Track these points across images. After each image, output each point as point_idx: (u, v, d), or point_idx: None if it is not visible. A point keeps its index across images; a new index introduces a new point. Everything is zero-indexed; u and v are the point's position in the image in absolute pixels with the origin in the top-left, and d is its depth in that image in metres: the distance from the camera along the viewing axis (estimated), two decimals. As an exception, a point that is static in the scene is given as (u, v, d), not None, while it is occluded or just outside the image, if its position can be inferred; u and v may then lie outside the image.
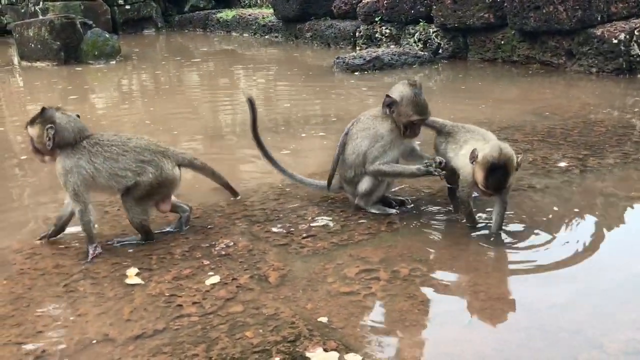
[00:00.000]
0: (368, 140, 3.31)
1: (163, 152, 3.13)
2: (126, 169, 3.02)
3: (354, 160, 3.34)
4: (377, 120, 3.34)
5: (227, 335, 2.31)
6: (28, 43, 10.34)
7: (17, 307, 2.60)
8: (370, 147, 3.29)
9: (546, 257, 2.86)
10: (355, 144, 3.34)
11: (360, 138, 3.33)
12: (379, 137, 3.29)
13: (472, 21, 8.11)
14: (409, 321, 2.38)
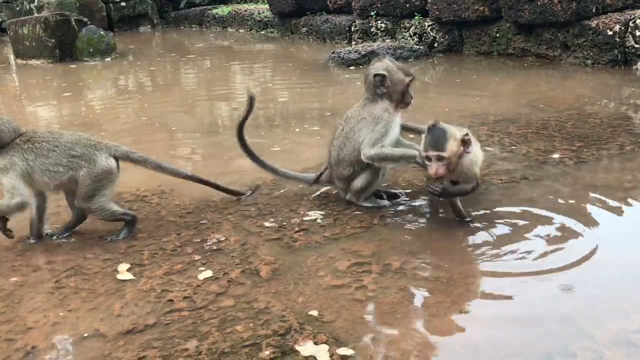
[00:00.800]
0: (366, 127, 3.25)
1: (95, 146, 3.15)
2: (57, 164, 3.06)
3: (355, 157, 3.28)
4: (367, 106, 3.31)
5: (218, 330, 2.31)
6: (23, 41, 10.31)
7: (7, 304, 2.59)
8: (370, 132, 3.23)
9: (538, 248, 2.85)
10: (354, 139, 3.28)
11: (357, 130, 3.28)
12: (377, 119, 3.24)
13: (467, 14, 8.09)
14: (400, 313, 2.38)
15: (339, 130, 3.39)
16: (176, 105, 6.69)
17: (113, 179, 3.16)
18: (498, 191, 3.53)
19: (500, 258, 2.80)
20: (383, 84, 3.25)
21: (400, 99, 3.29)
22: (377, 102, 3.29)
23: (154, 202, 3.61)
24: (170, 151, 4.90)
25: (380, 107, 3.27)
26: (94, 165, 3.08)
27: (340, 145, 3.35)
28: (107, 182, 3.12)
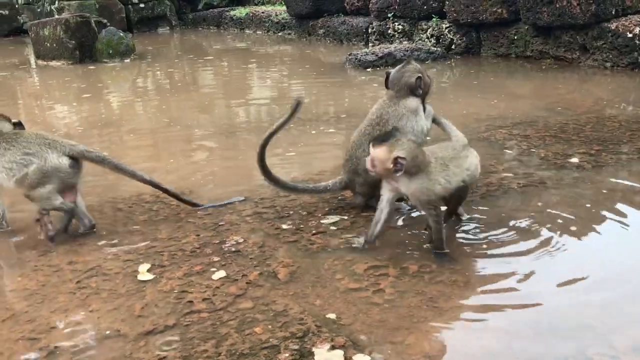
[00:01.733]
0: (409, 122, 3.37)
1: (49, 144, 3.22)
2: (12, 161, 3.19)
3: None
4: (401, 103, 3.40)
5: (237, 331, 2.33)
6: (44, 42, 10.45)
7: (30, 303, 2.64)
8: (416, 123, 3.39)
9: (557, 252, 2.85)
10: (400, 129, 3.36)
11: (403, 122, 3.36)
12: (416, 111, 3.41)
13: (485, 16, 8.07)
14: (418, 317, 2.39)
15: (370, 135, 3.32)
16: (194, 106, 6.74)
17: (62, 177, 3.22)
18: (516, 195, 3.52)
19: (518, 263, 2.79)
20: (420, 86, 3.42)
21: (424, 98, 3.48)
22: (408, 98, 3.42)
23: (173, 204, 3.65)
24: (187, 151, 4.95)
25: (414, 101, 3.42)
26: (45, 163, 3.18)
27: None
28: (55, 178, 3.20)
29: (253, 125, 5.78)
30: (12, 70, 10.19)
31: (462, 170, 2.93)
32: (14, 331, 2.43)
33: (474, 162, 3.02)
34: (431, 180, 2.81)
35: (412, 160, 2.76)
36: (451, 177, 2.88)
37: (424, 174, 2.80)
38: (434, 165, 2.84)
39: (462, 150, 3.00)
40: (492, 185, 3.67)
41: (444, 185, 2.85)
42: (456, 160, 2.93)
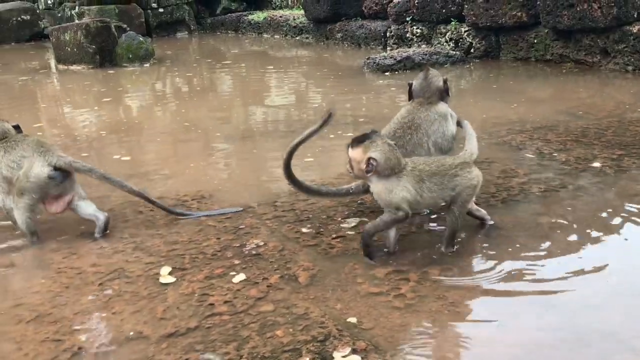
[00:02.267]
0: (441, 127, 3.40)
1: (41, 152, 3.29)
2: (13, 161, 3.31)
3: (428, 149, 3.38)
4: (432, 109, 3.44)
5: (258, 334, 2.34)
6: (64, 47, 10.57)
7: (54, 305, 2.67)
8: (447, 129, 3.42)
9: (579, 257, 2.83)
10: (426, 143, 3.36)
11: (432, 133, 3.38)
12: (446, 116, 3.44)
13: (505, 20, 8.03)
14: (439, 322, 2.38)
15: (401, 139, 3.32)
16: (212, 111, 6.77)
17: (43, 186, 3.27)
18: (537, 200, 3.50)
19: (540, 268, 2.77)
20: (448, 87, 3.55)
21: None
22: (438, 104, 3.46)
23: (194, 207, 3.67)
24: (205, 155, 4.98)
25: (444, 106, 3.48)
26: (30, 169, 3.25)
27: (406, 153, 3.21)
28: (36, 186, 3.26)
29: (271, 130, 5.79)
30: (33, 75, 10.32)
31: (444, 189, 2.84)
32: (39, 332, 2.47)
33: (464, 184, 2.85)
34: (399, 186, 2.79)
35: (385, 162, 2.77)
36: (424, 191, 2.82)
37: (395, 178, 2.80)
38: (408, 174, 2.81)
39: (452, 168, 2.86)
40: (512, 189, 3.65)
41: (412, 197, 2.80)
42: (438, 178, 2.84)
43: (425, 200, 2.85)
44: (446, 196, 2.87)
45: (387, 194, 2.81)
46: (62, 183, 3.31)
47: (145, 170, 4.55)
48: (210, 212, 3.56)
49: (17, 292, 2.85)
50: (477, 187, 2.94)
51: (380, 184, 2.83)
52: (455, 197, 2.87)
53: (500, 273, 2.74)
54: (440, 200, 2.89)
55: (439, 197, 2.87)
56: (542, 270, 2.76)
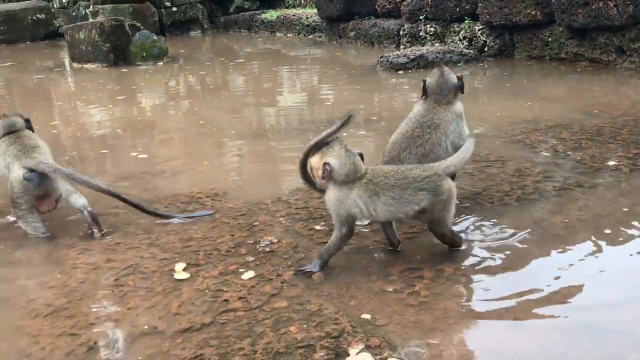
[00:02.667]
0: (457, 126, 3.40)
1: (18, 156, 3.40)
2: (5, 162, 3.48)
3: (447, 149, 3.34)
4: (450, 108, 3.42)
5: (272, 330, 2.35)
6: (79, 45, 10.63)
7: (70, 300, 2.70)
8: (463, 128, 3.43)
9: (594, 256, 2.81)
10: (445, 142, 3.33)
11: (450, 133, 3.36)
12: (460, 115, 3.44)
13: (519, 18, 7.99)
14: (453, 319, 2.38)
15: (420, 138, 3.32)
16: (225, 109, 6.79)
17: (24, 190, 3.35)
18: (552, 199, 3.48)
19: (555, 267, 2.76)
20: (463, 84, 3.52)
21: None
22: (455, 102, 3.46)
23: (207, 204, 3.69)
24: (218, 153, 5.00)
25: (460, 105, 3.48)
26: (11, 175, 3.39)
27: (424, 152, 3.28)
28: (19, 191, 3.35)
29: (283, 128, 5.80)
30: (48, 73, 10.40)
31: (404, 203, 2.72)
32: (55, 327, 2.49)
33: (431, 200, 2.72)
34: (349, 199, 2.71)
35: (340, 167, 2.70)
36: (377, 205, 2.72)
37: (347, 189, 2.72)
38: (361, 186, 2.72)
39: (417, 181, 2.73)
40: (527, 188, 3.63)
41: (360, 212, 2.72)
42: (397, 191, 2.72)
43: (381, 214, 2.74)
44: (409, 210, 2.74)
45: (336, 204, 2.73)
46: (42, 184, 3.37)
47: (160, 167, 4.57)
48: (187, 215, 3.51)
49: (34, 287, 2.87)
50: (448, 203, 2.76)
51: (333, 193, 2.75)
52: (425, 212, 2.75)
53: (514, 271, 2.73)
54: (402, 215, 2.75)
55: (398, 211, 2.73)
56: (557, 269, 2.74)
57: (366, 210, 2.73)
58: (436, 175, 2.76)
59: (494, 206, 3.40)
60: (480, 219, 3.27)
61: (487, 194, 3.56)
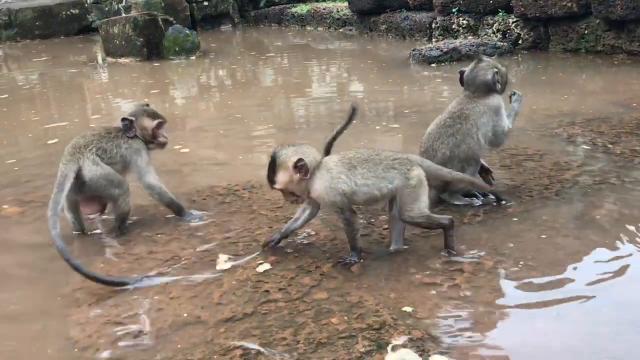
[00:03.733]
0: (490, 119, 3.37)
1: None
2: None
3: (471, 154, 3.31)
4: (481, 101, 3.39)
5: (313, 321, 2.37)
6: (113, 40, 10.77)
7: (114, 289, 2.75)
8: (498, 122, 3.39)
9: (637, 250, 2.77)
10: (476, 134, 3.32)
11: (481, 125, 3.35)
12: (498, 108, 3.41)
13: (554, 10, 7.87)
14: (495, 313, 2.37)
15: (451, 128, 3.35)
16: (256, 102, 6.82)
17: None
18: (592, 192, 3.43)
19: (596, 261, 2.73)
20: (498, 81, 3.42)
21: (503, 89, 3.50)
22: (489, 96, 3.40)
23: (245, 197, 3.72)
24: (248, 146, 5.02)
25: (496, 99, 3.41)
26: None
27: (456, 142, 3.31)
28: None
29: (315, 121, 5.81)
30: (82, 67, 10.56)
31: (379, 178, 2.76)
32: (101, 315, 2.54)
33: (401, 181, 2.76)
34: (334, 179, 2.76)
35: (305, 155, 2.77)
36: (357, 178, 2.76)
37: (326, 173, 2.78)
38: (338, 164, 2.79)
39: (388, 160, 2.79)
40: (566, 182, 3.59)
41: (348, 187, 2.75)
42: (370, 165, 2.78)
43: (361, 189, 2.76)
44: (383, 188, 2.77)
45: (329, 192, 2.77)
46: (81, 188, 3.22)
47: (196, 160, 4.62)
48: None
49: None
50: (417, 190, 2.78)
51: (319, 183, 2.78)
52: (396, 196, 2.78)
53: (555, 265, 2.70)
54: (377, 191, 2.78)
55: (374, 186, 2.77)
56: (598, 263, 2.71)
57: (349, 185, 2.76)
58: (407, 160, 2.82)
59: (533, 200, 3.37)
60: (520, 211, 3.24)
61: (525, 188, 3.53)
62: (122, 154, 3.31)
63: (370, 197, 2.81)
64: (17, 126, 6.36)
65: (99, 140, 3.28)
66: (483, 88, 3.42)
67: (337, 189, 2.76)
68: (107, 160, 3.26)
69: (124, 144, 3.33)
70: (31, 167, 4.70)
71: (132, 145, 3.35)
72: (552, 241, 2.92)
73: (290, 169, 2.77)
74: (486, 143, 3.37)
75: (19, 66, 11.73)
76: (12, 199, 3.98)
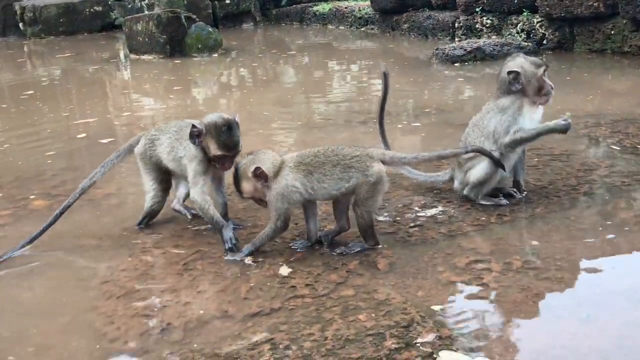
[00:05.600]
0: (495, 117, 3.32)
1: None
2: None
3: (480, 142, 3.30)
4: (498, 100, 3.37)
5: (341, 317, 2.37)
6: (136, 37, 10.85)
7: (141, 283, 2.77)
8: (499, 122, 3.29)
9: (668, 254, 2.74)
10: (482, 126, 3.34)
11: (487, 120, 3.34)
12: (505, 109, 3.30)
13: (580, 10, 7.78)
14: (524, 313, 2.35)
15: (470, 125, 3.45)
16: (276, 101, 6.84)
17: None
18: (621, 194, 3.39)
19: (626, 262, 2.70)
20: (517, 81, 3.28)
21: (538, 93, 3.31)
22: (507, 96, 3.33)
23: (270, 193, 3.73)
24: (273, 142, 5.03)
25: (509, 99, 3.32)
26: None
27: (468, 131, 3.42)
28: None
29: (337, 120, 5.80)
30: (105, 64, 10.65)
31: (337, 180, 2.81)
32: (129, 308, 2.57)
33: (359, 179, 2.80)
34: (288, 188, 2.82)
35: (263, 162, 2.85)
36: (314, 183, 2.82)
37: (281, 179, 2.83)
38: (293, 170, 2.83)
39: (347, 159, 2.82)
40: (594, 182, 3.55)
41: (302, 191, 2.82)
42: (328, 167, 2.82)
43: (318, 192, 2.83)
44: (341, 187, 2.81)
45: (278, 199, 2.83)
46: None
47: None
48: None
49: (105, 269, 2.96)
50: (377, 187, 2.82)
51: (273, 190, 2.83)
52: (353, 192, 2.82)
53: (585, 266, 2.68)
54: (335, 191, 2.82)
55: (331, 188, 2.82)
56: (628, 264, 2.68)
57: (305, 191, 2.82)
58: (367, 156, 2.84)
59: (561, 200, 3.34)
60: (548, 212, 3.21)
61: (553, 188, 3.50)
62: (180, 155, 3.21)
63: (330, 196, 2.89)
64: (44, 121, 6.42)
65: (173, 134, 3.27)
66: (501, 86, 3.36)
67: (289, 198, 2.83)
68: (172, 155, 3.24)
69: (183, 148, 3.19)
70: (58, 161, 4.75)
71: (191, 150, 3.15)
72: (580, 242, 2.89)
73: (252, 178, 2.84)
74: (486, 140, 3.31)
75: (43, 62, 11.87)
76: (40, 192, 4.03)
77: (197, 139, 3.07)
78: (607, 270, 2.64)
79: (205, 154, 3.11)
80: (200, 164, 3.12)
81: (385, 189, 2.88)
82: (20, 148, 5.25)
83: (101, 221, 3.51)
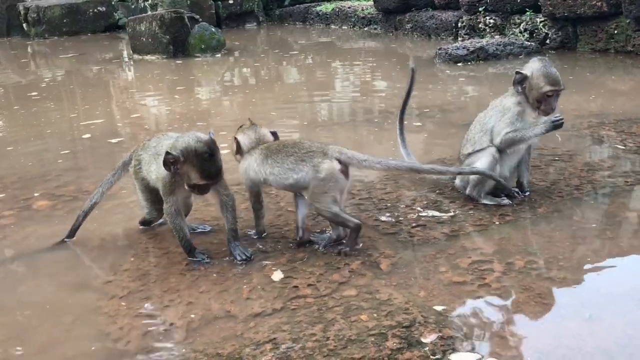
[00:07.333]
0: (495, 116, 3.35)
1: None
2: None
3: (479, 137, 3.37)
4: (505, 97, 3.39)
5: (343, 317, 2.37)
6: (140, 37, 10.86)
7: (144, 283, 2.78)
8: (497, 121, 3.32)
9: (672, 254, 2.73)
10: (483, 122, 3.40)
11: (489, 117, 3.39)
12: (506, 110, 3.32)
13: (583, 10, 7.76)
14: (527, 313, 2.35)
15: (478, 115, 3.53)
16: (279, 100, 6.84)
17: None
18: (624, 194, 3.39)
19: (629, 262, 2.70)
20: (521, 84, 3.28)
21: (537, 105, 3.27)
22: (515, 96, 3.33)
23: (272, 193, 3.73)
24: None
25: (513, 100, 3.33)
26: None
27: (472, 125, 3.49)
28: None
29: (342, 120, 5.81)
30: (108, 64, 10.67)
31: (287, 169, 2.89)
32: (132, 307, 2.57)
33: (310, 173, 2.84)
34: (246, 163, 3.03)
35: (244, 140, 3.07)
36: (266, 167, 2.96)
37: (248, 156, 3.04)
38: (257, 152, 3.01)
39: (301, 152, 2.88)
40: (597, 182, 3.54)
41: (255, 174, 2.99)
42: (281, 156, 2.93)
43: (269, 177, 2.95)
44: (289, 178, 2.89)
45: (242, 172, 3.06)
46: None
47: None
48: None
49: (108, 269, 2.97)
50: (326, 184, 2.83)
51: (241, 163, 3.07)
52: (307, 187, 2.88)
53: (588, 266, 2.67)
54: (284, 180, 2.91)
55: (282, 176, 2.91)
56: (631, 265, 2.68)
57: (258, 171, 2.98)
58: (321, 153, 2.88)
59: (563, 200, 3.33)
60: (550, 212, 3.21)
61: (556, 188, 3.49)
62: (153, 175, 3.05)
63: (283, 186, 2.99)
64: (48, 122, 6.44)
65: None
66: (516, 84, 3.33)
67: (247, 174, 3.02)
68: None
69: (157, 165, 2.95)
70: (62, 162, 4.76)
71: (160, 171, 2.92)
72: (583, 242, 2.89)
73: (234, 143, 3.09)
74: (484, 136, 3.36)
75: (47, 63, 11.89)
76: (43, 193, 4.04)
77: (173, 166, 2.78)
78: (610, 271, 2.64)
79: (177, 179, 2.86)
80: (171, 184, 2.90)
81: (339, 187, 2.88)
82: (24, 148, 5.26)
83: (104, 221, 3.52)
